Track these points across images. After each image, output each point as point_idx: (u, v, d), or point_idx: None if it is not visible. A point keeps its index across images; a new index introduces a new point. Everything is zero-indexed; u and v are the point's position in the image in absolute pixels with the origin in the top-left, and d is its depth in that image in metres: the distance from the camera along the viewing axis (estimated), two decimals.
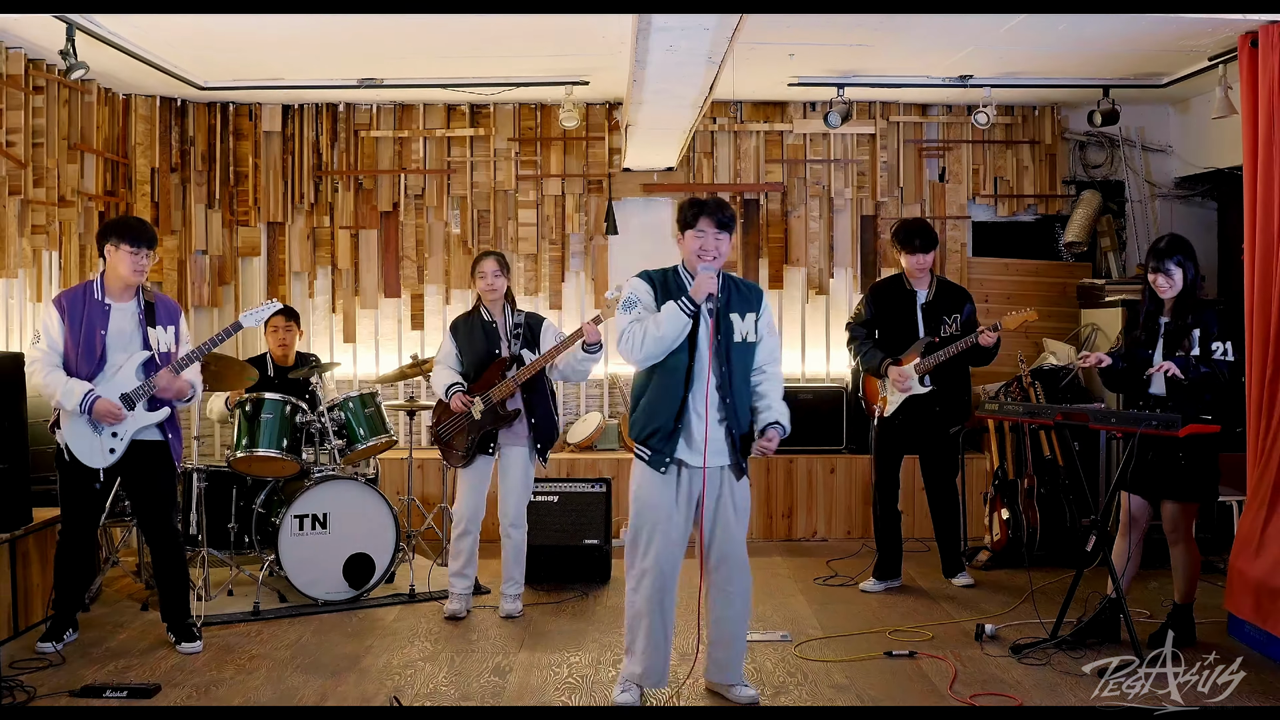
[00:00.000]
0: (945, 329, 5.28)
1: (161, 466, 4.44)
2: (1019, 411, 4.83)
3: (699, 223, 3.63)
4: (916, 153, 7.12)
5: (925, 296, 5.34)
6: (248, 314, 4.47)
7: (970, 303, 5.39)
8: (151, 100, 6.65)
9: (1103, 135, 7.06)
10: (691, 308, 3.53)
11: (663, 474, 3.60)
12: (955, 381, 5.30)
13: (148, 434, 4.40)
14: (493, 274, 4.92)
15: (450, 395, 4.87)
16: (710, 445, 3.58)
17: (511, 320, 4.98)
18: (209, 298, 6.96)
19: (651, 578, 3.63)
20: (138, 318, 4.37)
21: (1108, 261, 7.02)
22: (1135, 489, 4.42)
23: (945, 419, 5.33)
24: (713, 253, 3.61)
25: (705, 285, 3.53)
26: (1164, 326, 4.37)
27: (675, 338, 3.54)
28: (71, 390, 4.20)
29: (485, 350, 4.93)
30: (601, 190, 7.02)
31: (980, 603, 5.16)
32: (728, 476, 3.66)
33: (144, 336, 4.36)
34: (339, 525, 5.15)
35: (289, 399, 5.25)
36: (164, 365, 4.35)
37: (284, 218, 7.00)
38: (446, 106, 6.99)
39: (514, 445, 4.93)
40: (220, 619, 4.88)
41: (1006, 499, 5.94)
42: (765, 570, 5.81)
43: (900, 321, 5.35)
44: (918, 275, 5.34)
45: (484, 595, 5.29)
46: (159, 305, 4.46)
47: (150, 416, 4.37)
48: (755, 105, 7.06)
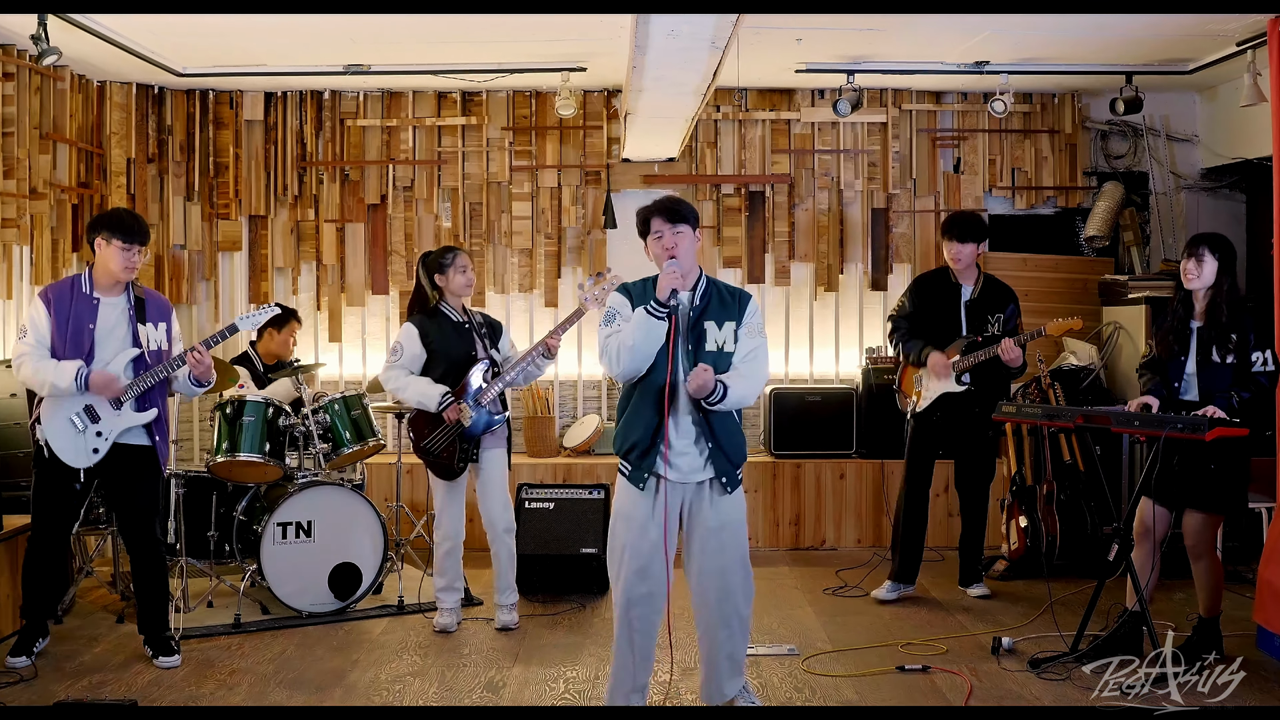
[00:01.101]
0: (990, 328, 5.27)
1: (147, 472, 4.44)
2: (1038, 414, 4.82)
3: (652, 225, 3.64)
4: (930, 142, 7.12)
5: (971, 293, 5.34)
6: (244, 317, 4.48)
7: (1014, 303, 5.36)
8: (127, 88, 6.65)
9: (1125, 124, 7.05)
10: (658, 308, 3.49)
11: (641, 490, 3.59)
12: (996, 383, 5.27)
13: (134, 436, 4.39)
14: (471, 269, 4.94)
15: (444, 407, 4.78)
16: (686, 460, 3.58)
17: (478, 319, 5.00)
18: (187, 294, 6.96)
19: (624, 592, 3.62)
20: (128, 314, 4.38)
21: (1131, 256, 7.02)
22: (1158, 497, 4.40)
23: (984, 421, 5.31)
24: (673, 249, 3.58)
25: (666, 282, 3.50)
26: (1196, 332, 4.36)
27: (649, 345, 3.51)
28: (64, 370, 4.21)
29: (462, 352, 4.88)
30: (599, 182, 7.01)
31: (997, 615, 5.16)
32: (708, 492, 3.63)
33: (134, 333, 4.37)
34: (324, 533, 5.14)
35: (271, 401, 5.25)
36: (155, 364, 4.37)
37: (266, 211, 7.00)
38: (437, 94, 6.99)
39: (492, 447, 4.92)
40: (199, 632, 4.88)
41: (1025, 506, 5.93)
42: (771, 580, 5.80)
43: (943, 316, 5.35)
44: (957, 267, 5.33)
45: (476, 607, 5.28)
46: (149, 301, 4.47)
47: (138, 417, 4.37)
48: (761, 93, 7.06)
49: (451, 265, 4.89)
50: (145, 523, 4.46)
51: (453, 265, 4.89)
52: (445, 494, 4.92)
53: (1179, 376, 4.36)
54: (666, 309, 3.50)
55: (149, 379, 4.34)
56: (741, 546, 3.68)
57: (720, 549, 3.63)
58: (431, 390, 4.78)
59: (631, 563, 3.59)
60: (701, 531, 3.64)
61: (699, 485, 3.62)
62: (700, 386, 3.49)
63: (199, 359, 4.35)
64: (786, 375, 7.12)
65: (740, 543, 3.68)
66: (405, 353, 4.87)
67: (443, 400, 4.77)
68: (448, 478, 4.90)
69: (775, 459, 6.71)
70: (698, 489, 3.62)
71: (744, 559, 3.68)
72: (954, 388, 5.24)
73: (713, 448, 3.59)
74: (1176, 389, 4.36)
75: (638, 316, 3.51)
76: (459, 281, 4.90)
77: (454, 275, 4.90)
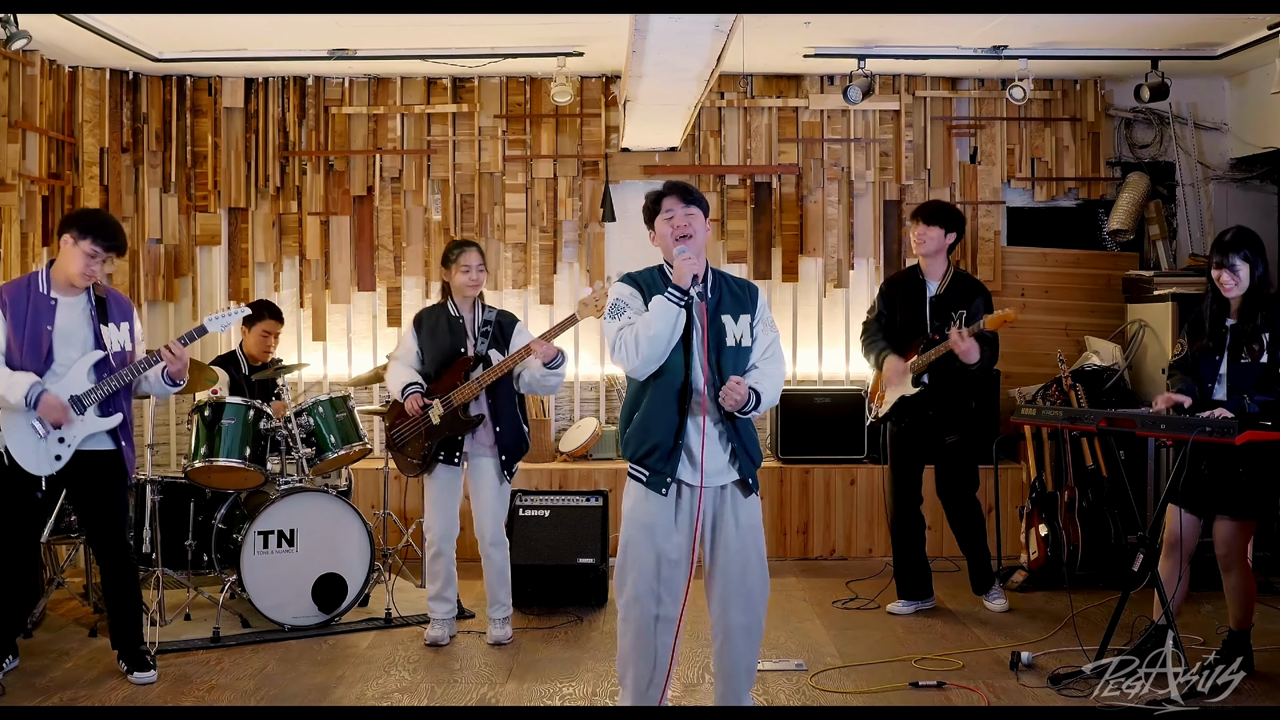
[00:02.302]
0: (952, 325, 5.22)
1: (114, 478, 4.43)
2: (1058, 417, 4.82)
3: (664, 204, 3.66)
4: (945, 131, 7.12)
5: (936, 289, 5.34)
6: (214, 318, 4.45)
7: (981, 298, 5.30)
8: (101, 73, 6.65)
9: (1151, 112, 7.05)
10: (680, 296, 3.50)
11: (663, 495, 3.58)
12: (948, 385, 5.24)
13: (98, 442, 4.38)
14: (477, 267, 4.91)
15: (406, 396, 4.85)
16: (709, 462, 3.56)
17: (480, 317, 4.97)
18: (164, 291, 6.96)
19: (642, 605, 3.61)
20: (88, 314, 4.36)
21: (1156, 251, 7.02)
22: (1186, 504, 4.40)
23: (938, 426, 5.31)
24: (685, 228, 3.60)
25: (687, 267, 3.51)
26: (1230, 330, 4.35)
27: (670, 333, 3.51)
28: (15, 382, 4.18)
29: (449, 347, 4.91)
30: (598, 173, 7.01)
31: (1016, 628, 5.16)
32: (731, 495, 3.64)
33: (96, 334, 4.35)
34: (308, 542, 5.14)
35: (252, 403, 5.25)
36: (119, 367, 4.35)
37: (247, 203, 7.00)
38: (426, 80, 6.99)
39: (483, 455, 4.91)
40: (176, 646, 4.88)
41: (1045, 514, 5.93)
42: (778, 592, 5.80)
43: (909, 316, 5.35)
44: (920, 252, 5.33)
45: (469, 620, 5.28)
46: (111, 301, 4.45)
47: (102, 423, 4.36)
48: (767, 79, 7.06)
49: (454, 262, 4.92)
50: (115, 531, 4.45)
51: (455, 263, 4.92)
52: (431, 492, 4.94)
53: (1212, 376, 4.36)
54: (687, 297, 3.50)
55: (114, 382, 4.32)
56: (761, 550, 3.70)
57: (744, 554, 3.64)
58: (404, 377, 4.90)
59: (651, 578, 3.56)
60: (725, 537, 3.63)
61: (721, 489, 3.63)
62: (737, 401, 3.51)
63: (175, 354, 4.33)
64: (794, 376, 7.12)
65: (761, 546, 3.70)
66: (402, 345, 5.03)
67: (405, 390, 4.85)
68: (410, 474, 5.01)
69: (782, 464, 6.71)
70: (720, 493, 3.63)
71: (764, 563, 3.70)
72: (908, 390, 5.24)
73: (737, 447, 3.61)
74: (1210, 389, 4.36)
75: (658, 304, 3.51)
76: (459, 280, 4.91)
77: (455, 273, 4.92)
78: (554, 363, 4.76)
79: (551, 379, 4.84)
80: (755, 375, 3.63)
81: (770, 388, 3.63)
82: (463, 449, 4.90)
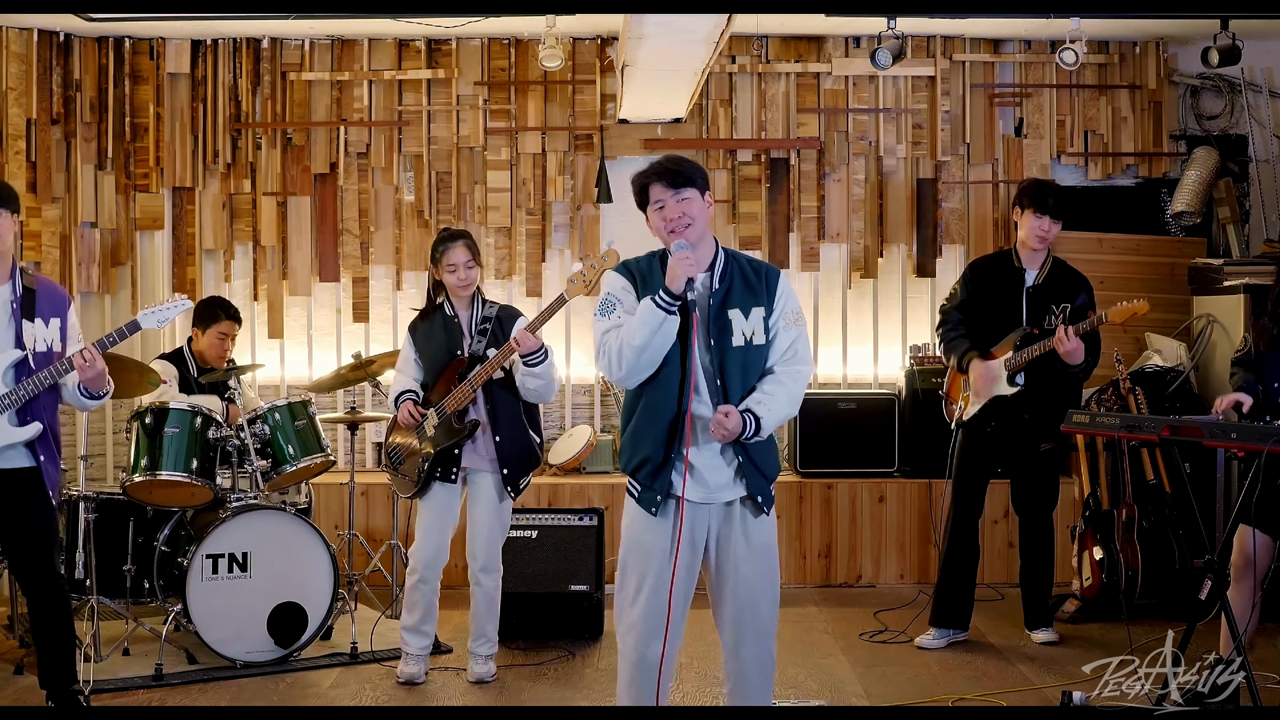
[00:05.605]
0: (1051, 320, 5.27)
1: (33, 498, 4.34)
2: (1115, 425, 4.81)
3: (651, 194, 3.58)
4: (987, 100, 7.14)
5: (1035, 278, 5.37)
6: (148, 312, 4.41)
7: (1085, 292, 5.38)
8: (26, 35, 6.66)
9: (1221, 78, 7.07)
10: (670, 301, 3.43)
11: (654, 515, 3.58)
12: (1052, 385, 5.28)
13: (12, 458, 4.28)
14: (465, 265, 4.85)
15: (400, 405, 4.89)
16: (712, 476, 3.56)
17: (479, 314, 4.97)
18: (99, 282, 6.97)
19: (639, 633, 3.62)
20: (10, 307, 4.33)
21: (1226, 236, 7.03)
22: (1260, 523, 4.41)
23: (1034, 432, 5.33)
24: (678, 220, 3.54)
25: (680, 269, 3.44)
26: None
27: (659, 343, 3.45)
28: None
29: (444, 349, 4.91)
30: (592, 147, 7.03)
31: (1066, 664, 5.17)
32: (740, 514, 3.62)
33: (17, 331, 4.33)
34: (263, 568, 5.15)
35: (199, 408, 5.26)
36: (42, 368, 4.29)
37: (193, 182, 7.01)
38: (397, 42, 7.01)
39: (483, 470, 4.91)
40: (114, 685, 4.88)
41: (1100, 534, 5.94)
42: (798, 623, 5.82)
43: (1001, 306, 5.37)
44: (1036, 247, 5.36)
45: (445, 655, 5.30)
46: (40, 293, 4.40)
47: (17, 433, 4.27)
48: (785, 40, 7.07)
49: (439, 262, 4.89)
50: (41, 555, 4.41)
51: (440, 263, 4.89)
52: (424, 512, 4.97)
53: (1278, 374, 4.36)
54: (680, 301, 3.45)
55: (31, 387, 4.24)
56: (774, 577, 3.69)
57: (755, 580, 3.62)
58: (398, 386, 4.98)
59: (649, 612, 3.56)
60: (734, 560, 3.62)
61: (727, 506, 3.62)
62: (727, 435, 3.47)
63: (87, 362, 4.22)
64: (816, 379, 7.13)
65: (774, 573, 3.69)
66: (402, 357, 5.07)
67: (399, 398, 4.92)
68: (406, 494, 5.04)
69: (802, 478, 6.73)
70: (725, 511, 3.62)
71: (775, 592, 3.69)
72: (1004, 390, 5.26)
73: (744, 460, 3.58)
74: (1276, 389, 4.37)
75: (644, 309, 3.46)
76: (448, 281, 4.88)
77: (444, 272, 4.89)
78: (532, 358, 4.64)
79: (531, 380, 4.72)
80: (760, 392, 3.56)
81: (777, 406, 3.55)
82: (460, 463, 4.88)
